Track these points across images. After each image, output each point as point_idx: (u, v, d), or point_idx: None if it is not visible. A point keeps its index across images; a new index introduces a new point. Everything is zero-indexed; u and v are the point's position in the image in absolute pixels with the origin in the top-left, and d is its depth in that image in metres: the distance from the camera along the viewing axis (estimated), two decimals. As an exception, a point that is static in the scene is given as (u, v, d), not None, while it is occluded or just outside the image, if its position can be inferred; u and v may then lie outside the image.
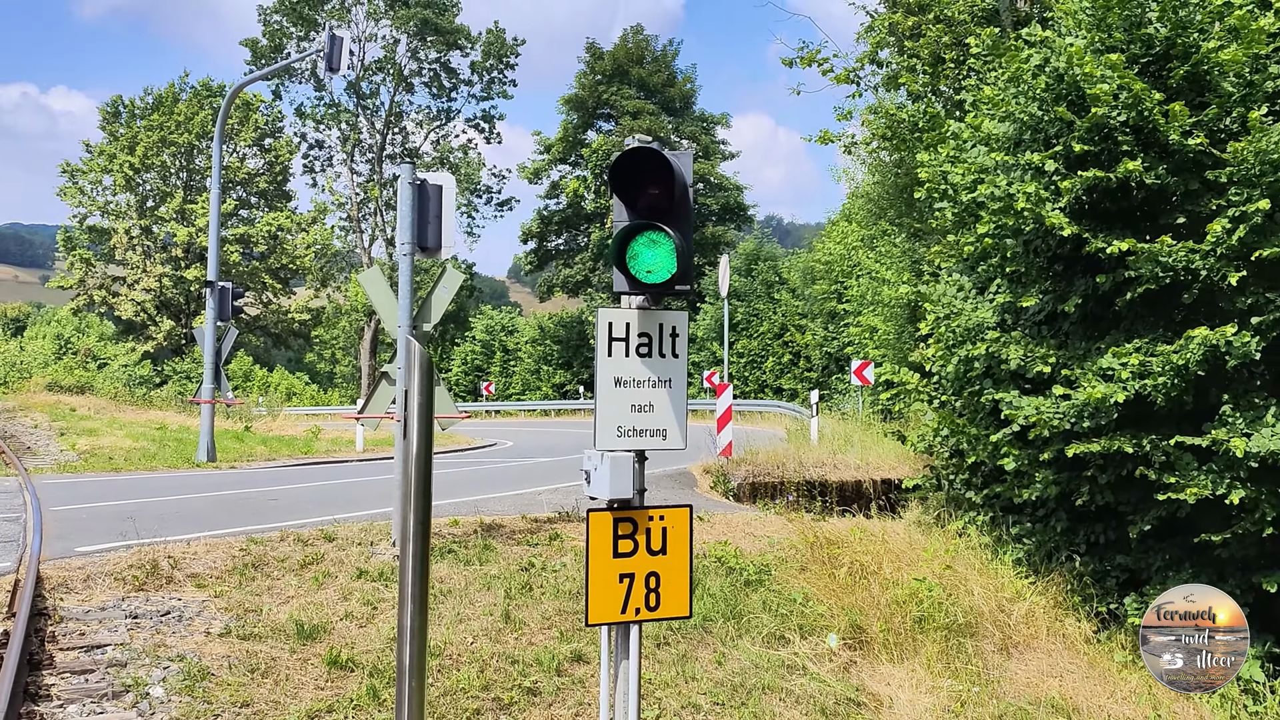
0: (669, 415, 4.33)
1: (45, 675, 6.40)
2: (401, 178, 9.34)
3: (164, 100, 53.16)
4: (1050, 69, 8.56)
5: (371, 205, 58.13)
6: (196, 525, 10.86)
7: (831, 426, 23.34)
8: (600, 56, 48.03)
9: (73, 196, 52.86)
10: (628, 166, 4.13)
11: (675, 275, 4.10)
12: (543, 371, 53.87)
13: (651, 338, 4.29)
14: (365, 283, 9.76)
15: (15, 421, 26.97)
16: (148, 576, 8.56)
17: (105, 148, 52.72)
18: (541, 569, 9.08)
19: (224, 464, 19.25)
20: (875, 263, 24.11)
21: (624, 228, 4.11)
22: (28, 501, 12.67)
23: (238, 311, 20.06)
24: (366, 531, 10.17)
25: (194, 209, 52.12)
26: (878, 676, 7.63)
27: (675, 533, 4.32)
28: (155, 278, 51.69)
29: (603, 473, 4.19)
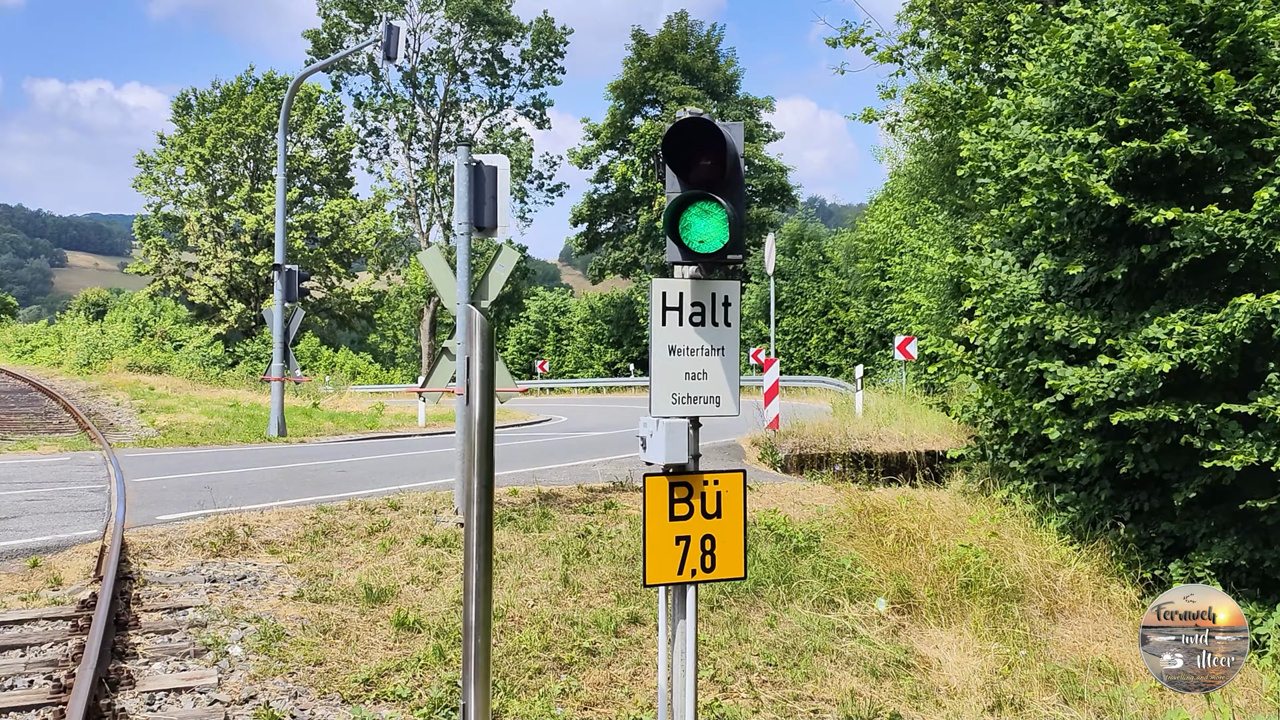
0: (722, 382, 4.28)
1: (131, 635, 6.56)
2: (458, 160, 9.36)
3: (231, 93, 53.86)
4: (1092, 44, 8.32)
5: (428, 191, 58.47)
6: (269, 495, 11.05)
7: (876, 400, 23.11)
8: (646, 44, 47.70)
9: (147, 187, 53.86)
10: (680, 137, 4.06)
11: (727, 245, 4.04)
12: (594, 350, 54.00)
13: (704, 307, 4.24)
14: (425, 262, 9.81)
15: (99, 400, 27.64)
16: (225, 543, 8.74)
17: (177, 139, 53.61)
18: (598, 536, 9.11)
19: (294, 438, 19.56)
20: (918, 240, 23.73)
21: (676, 198, 4.05)
22: (111, 474, 12.98)
23: (304, 294, 20.33)
24: (430, 500, 10.28)
25: (261, 197, 52.84)
26: (926, 639, 7.55)
27: (729, 497, 4.28)
28: (225, 263, 52.56)
29: (658, 438, 4.16)
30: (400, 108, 56.71)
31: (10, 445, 17.58)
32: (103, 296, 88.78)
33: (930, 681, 6.79)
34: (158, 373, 35.22)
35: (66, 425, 21.65)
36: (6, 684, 5.79)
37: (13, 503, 10.64)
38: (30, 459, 15.34)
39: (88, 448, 17.01)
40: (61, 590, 7.59)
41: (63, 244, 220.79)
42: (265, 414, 23.26)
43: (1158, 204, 8.17)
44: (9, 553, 8.28)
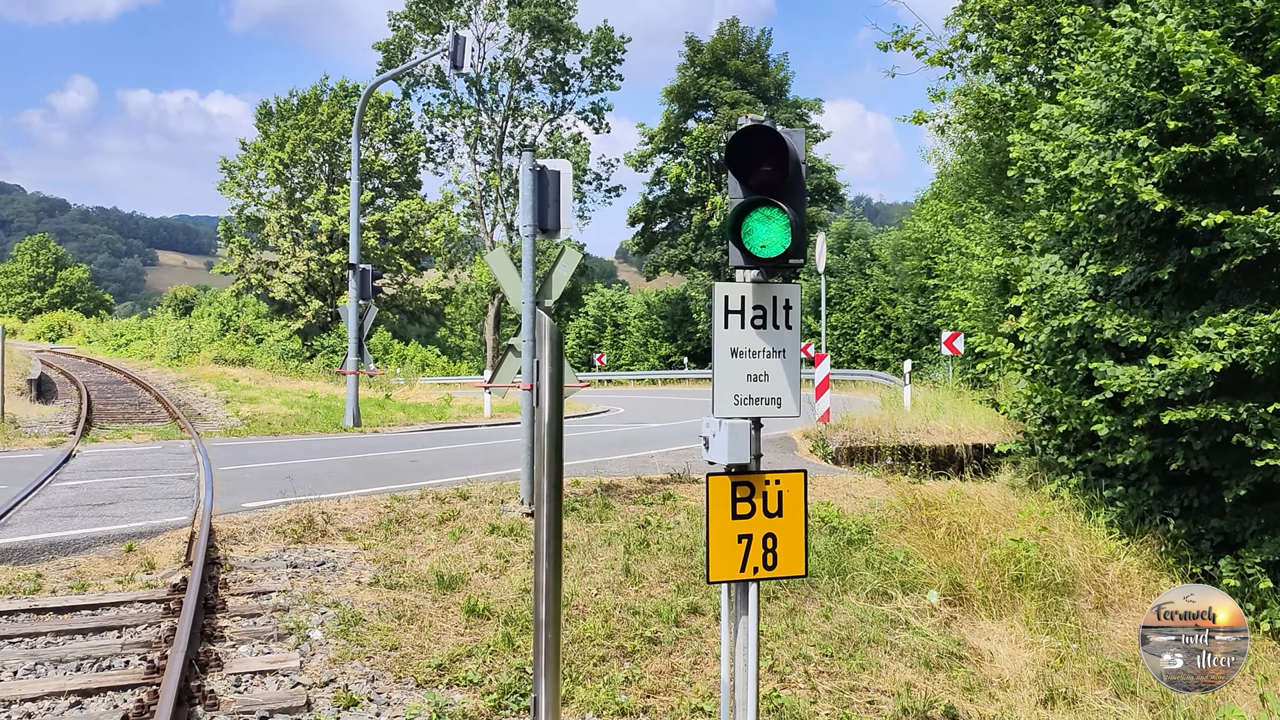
0: (783, 384, 4.19)
1: (219, 618, 6.67)
2: (522, 165, 9.35)
3: (307, 101, 54.73)
4: (1142, 48, 8.02)
5: (492, 193, 58.84)
6: (346, 484, 11.19)
7: (923, 394, 22.75)
8: (699, 50, 47.40)
9: (231, 190, 55.00)
10: (742, 144, 3.97)
11: (789, 249, 3.94)
12: (650, 344, 53.97)
13: (766, 310, 4.15)
14: (491, 262, 9.83)
15: (187, 390, 28.32)
16: (305, 530, 8.86)
17: (258, 145, 54.63)
18: (657, 527, 9.06)
19: (368, 429, 19.82)
20: (965, 239, 23.26)
21: (739, 204, 3.96)
22: (200, 462, 13.26)
23: (377, 291, 20.58)
24: (497, 490, 10.32)
25: (336, 199, 53.65)
26: (977, 631, 7.38)
27: (790, 496, 4.19)
28: (303, 262, 53.47)
29: (721, 439, 4.09)
30: (466, 113, 57.13)
31: (108, 434, 18.08)
32: (190, 293, 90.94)
33: (983, 674, 6.63)
34: (241, 365, 35.99)
35: (158, 415, 22.20)
36: (105, 664, 5.92)
37: (110, 490, 10.91)
38: (126, 447, 15.74)
39: (177, 436, 17.41)
40: (155, 574, 7.75)
41: (154, 244, 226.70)
42: (341, 405, 23.62)
43: (1207, 206, 7.86)
44: (107, 538, 8.48)
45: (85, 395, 24.45)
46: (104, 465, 13.12)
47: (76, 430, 17.95)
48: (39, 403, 24.12)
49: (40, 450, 15.12)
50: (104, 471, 12.49)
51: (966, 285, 22.81)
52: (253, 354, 38.33)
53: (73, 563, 8.04)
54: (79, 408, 22.31)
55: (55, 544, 8.28)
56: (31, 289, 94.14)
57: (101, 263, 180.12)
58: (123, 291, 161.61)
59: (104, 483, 11.43)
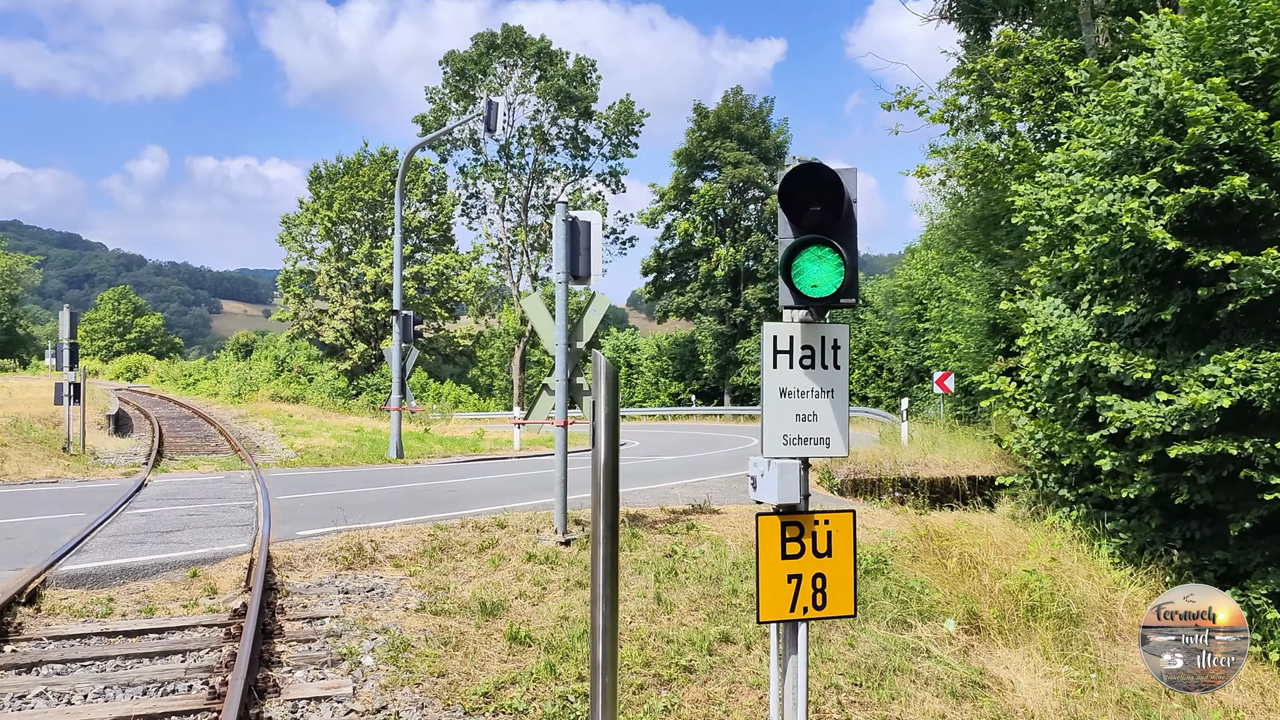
0: (831, 424, 3.85)
1: (276, 643, 6.31)
2: (556, 216, 9.12)
3: (352, 165, 55.18)
4: (1149, 96, 7.73)
5: (519, 247, 59.03)
6: (392, 513, 10.84)
7: (918, 430, 22.29)
8: (705, 115, 47.61)
9: (288, 244, 55.37)
10: (794, 183, 3.65)
11: (840, 289, 3.62)
12: (660, 383, 53.69)
13: (814, 350, 3.82)
14: (527, 307, 9.56)
15: (247, 425, 28.09)
16: (354, 557, 8.50)
17: (311, 205, 55.10)
18: (683, 556, 8.67)
19: (410, 460, 19.48)
20: (956, 286, 22.93)
21: (790, 244, 3.65)
22: (258, 491, 12.94)
23: (417, 335, 20.36)
24: (532, 520, 9.94)
25: (379, 253, 53.84)
26: (995, 660, 6.94)
27: (840, 536, 3.84)
28: (350, 309, 53.53)
29: (770, 479, 3.75)
30: (495, 174, 57.52)
31: (177, 464, 17.79)
32: (250, 338, 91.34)
33: (1007, 703, 6.19)
34: (295, 402, 35.79)
35: (222, 447, 21.93)
36: (170, 688, 5.57)
37: (177, 517, 10.59)
38: (192, 477, 15.44)
39: (238, 467, 17.11)
40: (217, 598, 7.40)
41: (219, 294, 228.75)
42: (385, 438, 23.32)
43: (1214, 248, 7.51)
44: (173, 563, 8.14)
45: (157, 429, 24.25)
46: (172, 494, 12.81)
47: (149, 461, 17.68)
48: (116, 436, 23.91)
49: (115, 480, 14.84)
50: (172, 500, 12.18)
51: (958, 329, 22.42)
52: (305, 392, 38.15)
53: (141, 587, 7.70)
54: (151, 441, 22.08)
55: (126, 569, 7.94)
56: (112, 334, 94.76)
57: (173, 311, 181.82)
58: (191, 337, 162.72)
59: (172, 510, 11.12)
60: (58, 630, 6.55)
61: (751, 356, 45.92)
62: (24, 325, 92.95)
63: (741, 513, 10.71)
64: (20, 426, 19.40)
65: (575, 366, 9.29)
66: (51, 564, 7.97)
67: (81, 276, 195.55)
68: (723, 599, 7.34)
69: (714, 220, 48.31)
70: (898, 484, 16.47)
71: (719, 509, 10.82)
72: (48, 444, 18.25)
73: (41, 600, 7.14)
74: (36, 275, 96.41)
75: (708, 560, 8.47)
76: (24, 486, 13.84)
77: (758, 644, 6.43)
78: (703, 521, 10.10)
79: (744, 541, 9.41)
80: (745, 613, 7.10)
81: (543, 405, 9.42)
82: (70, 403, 18.06)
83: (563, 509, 9.09)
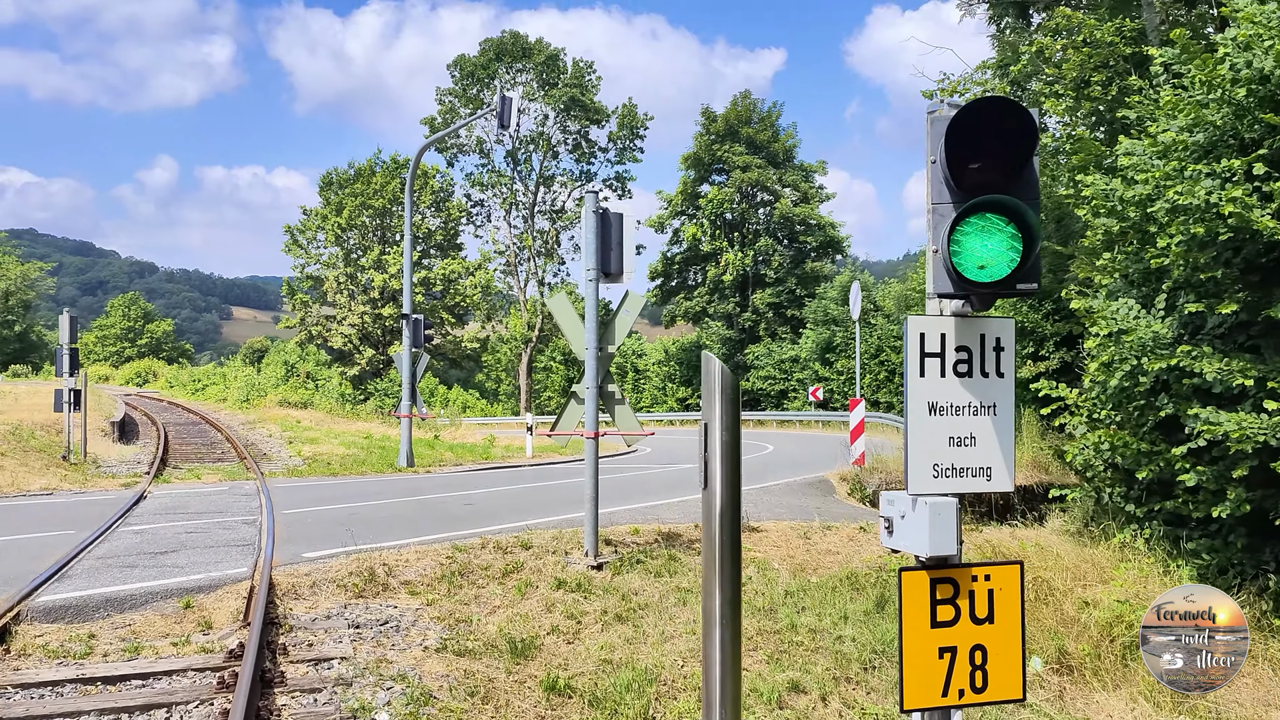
0: (994, 449, 2.90)
1: (276, 694, 5.35)
2: (585, 207, 8.18)
3: (363, 172, 54.36)
4: (1252, 71, 6.78)
5: (525, 252, 58.17)
6: (405, 529, 9.89)
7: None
8: (714, 119, 46.65)
9: (294, 251, 54.57)
10: (967, 127, 2.66)
11: (1017, 270, 2.68)
12: (668, 388, 52.70)
13: (972, 352, 2.88)
14: (553, 307, 8.62)
15: (255, 431, 27.14)
16: (366, 583, 7.55)
17: (319, 211, 54.30)
18: (728, 580, 7.70)
19: (420, 469, 18.54)
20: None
21: (958, 211, 2.68)
22: (263, 504, 12.02)
23: (428, 340, 19.40)
24: (558, 540, 8.98)
25: (387, 259, 52.98)
26: (1097, 707, 5.97)
27: (1004, 596, 2.89)
28: (358, 315, 52.68)
29: (917, 523, 2.80)
30: (502, 181, 56.72)
31: (180, 474, 16.87)
32: (264, 345, 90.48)
33: (1126, 763, 5.22)
34: (303, 408, 34.83)
35: (227, 455, 20.99)
36: (148, 756, 4.61)
37: (173, 536, 9.64)
38: (194, 488, 14.51)
39: (243, 477, 16.18)
40: (211, 635, 6.45)
41: (229, 300, 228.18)
42: (395, 445, 22.38)
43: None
44: (165, 592, 7.20)
45: (162, 436, 23.31)
46: (172, 508, 11.88)
47: (151, 470, 16.74)
48: (120, 443, 22.94)
49: (114, 491, 13.90)
50: (171, 515, 11.24)
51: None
52: (313, 398, 37.20)
53: (128, 620, 6.76)
54: (156, 448, 21.12)
55: (112, 599, 7.00)
56: (123, 340, 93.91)
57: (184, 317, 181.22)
58: (202, 342, 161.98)
59: (169, 528, 10.17)
60: (27, 676, 5.60)
61: (760, 362, 44.90)
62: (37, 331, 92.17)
63: (783, 531, 9.75)
64: (20, 434, 18.46)
65: (606, 372, 8.34)
66: (29, 593, 7.03)
67: (95, 283, 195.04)
68: (781, 635, 6.38)
69: (722, 225, 47.33)
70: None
71: (758, 526, 9.86)
72: (47, 452, 17.31)
73: (13, 638, 6.20)
74: (50, 282, 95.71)
75: (757, 588, 7.51)
76: (16, 499, 12.90)
77: (834, 695, 5.46)
78: (746, 541, 9.13)
79: (792, 565, 8.45)
80: (809, 652, 6.14)
81: (571, 414, 8.47)
82: (70, 410, 17.12)
83: (593, 529, 8.13)
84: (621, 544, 8.97)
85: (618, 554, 8.43)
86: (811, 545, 9.15)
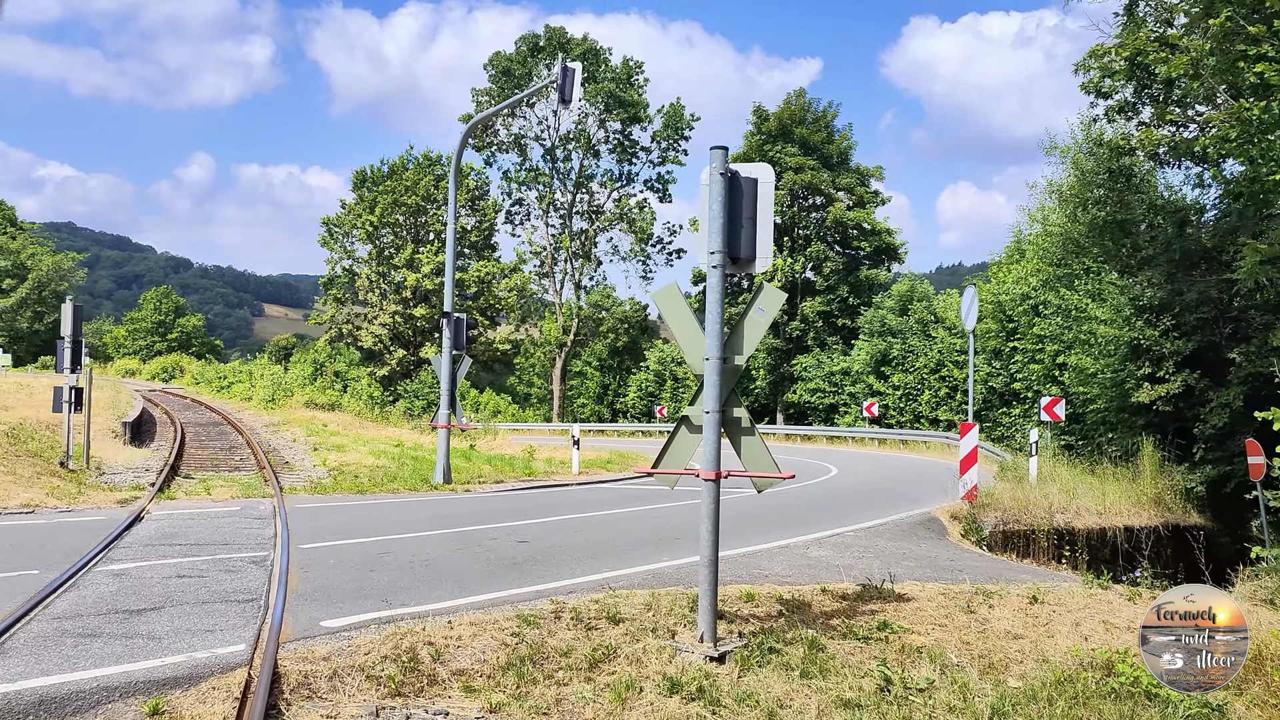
0: None
1: None
2: (710, 169, 6.09)
3: (396, 169, 52.92)
4: None
5: (562, 254, 56.34)
6: (450, 583, 7.82)
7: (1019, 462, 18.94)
8: (766, 118, 44.39)
9: (330, 246, 53.31)
10: None
11: None
12: (708, 397, 50.50)
13: None
14: (662, 303, 6.50)
15: (278, 434, 25.36)
16: (406, 674, 5.48)
17: (353, 207, 52.99)
18: (904, 689, 5.54)
19: (459, 486, 16.54)
20: (1082, 300, 19.46)
21: None
22: (277, 534, 10.07)
23: (470, 341, 17.42)
24: (653, 607, 6.86)
25: (420, 258, 51.42)
26: None
27: None
28: (389, 315, 51.16)
29: None
30: (541, 179, 55.02)
31: (191, 484, 15.01)
32: (290, 342, 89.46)
33: None
34: (330, 410, 33.07)
35: (246, 462, 19.14)
36: None
37: (161, 581, 7.64)
38: (202, 507, 12.58)
39: (260, 493, 14.26)
40: (183, 766, 4.40)
41: (261, 298, 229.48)
42: (428, 455, 20.44)
43: None
44: (127, 686, 5.16)
45: (179, 438, 21.54)
46: (168, 536, 9.93)
47: (158, 481, 14.88)
48: (132, 445, 21.18)
49: (106, 510, 12.00)
50: (166, 545, 9.28)
51: (1088, 351, 18.99)
52: (341, 399, 35.44)
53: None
54: (169, 452, 19.33)
55: (48, 698, 4.97)
56: (153, 334, 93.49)
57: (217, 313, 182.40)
58: (234, 338, 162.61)
59: (158, 568, 8.20)
60: None
61: (809, 374, 42.53)
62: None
63: (933, 598, 7.55)
64: (20, 435, 16.70)
65: (731, 392, 6.22)
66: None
67: (130, 277, 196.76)
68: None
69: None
70: (1052, 536, 13.22)
71: (901, 591, 7.67)
72: (44, 457, 15.51)
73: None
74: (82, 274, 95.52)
75: (948, 701, 5.34)
76: (-7, 518, 11.02)
77: None
78: (895, 615, 6.96)
79: (971, 656, 6.26)
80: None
81: (682, 447, 6.35)
82: (70, 411, 15.30)
83: (712, 605, 6.00)
84: (737, 616, 6.82)
85: (740, 637, 6.29)
86: (984, 624, 6.95)
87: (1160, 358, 17.48)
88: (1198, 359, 17.23)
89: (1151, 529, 14.78)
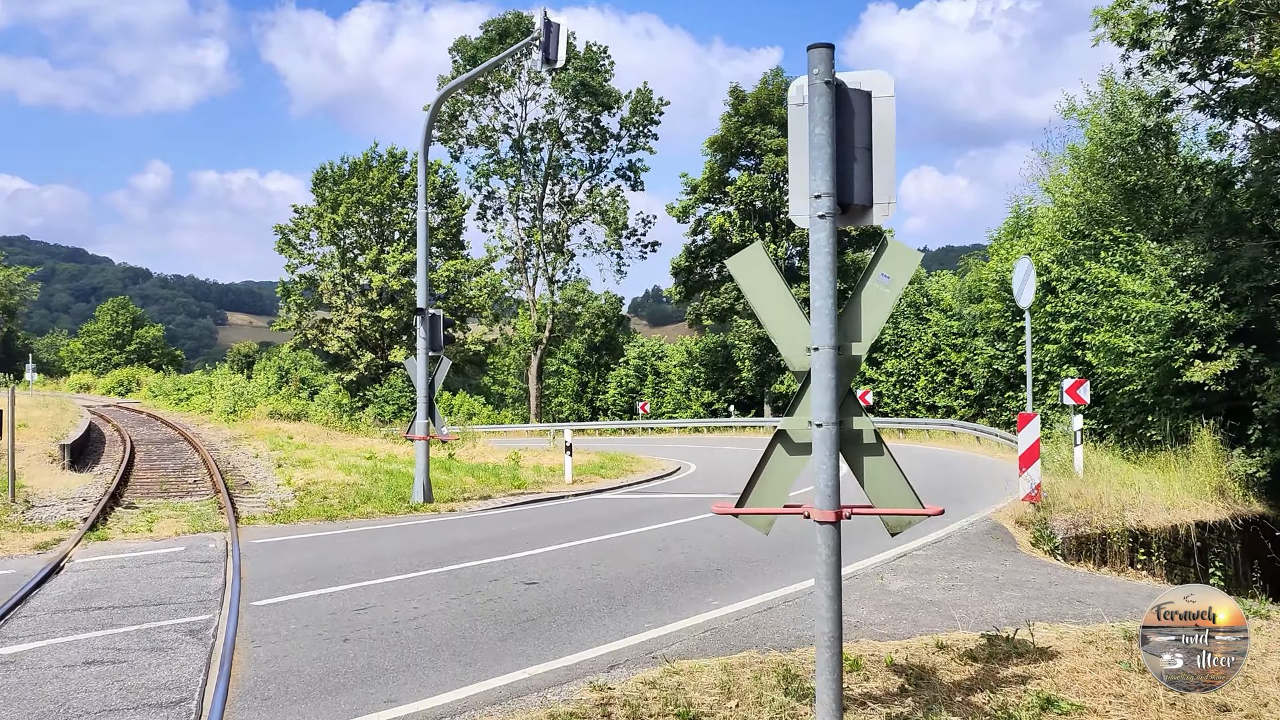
0: None
1: None
2: (807, 80, 4.23)
3: (358, 167, 50.53)
4: None
5: (534, 248, 54.28)
6: (449, 655, 5.91)
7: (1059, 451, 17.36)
8: (743, 99, 42.60)
9: (288, 253, 50.85)
10: None
11: None
12: (691, 392, 48.78)
13: None
14: (742, 272, 4.64)
15: (239, 450, 23.14)
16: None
17: (312, 209, 50.58)
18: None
19: (441, 505, 14.56)
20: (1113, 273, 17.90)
21: None
22: (227, 583, 8.10)
23: (449, 340, 15.41)
24: (733, 694, 5.00)
25: (386, 258, 49.17)
26: None
27: None
28: (355, 318, 48.83)
29: None
30: (510, 171, 52.93)
31: (131, 518, 12.89)
32: (252, 349, 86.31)
33: None
34: (296, 420, 30.79)
35: (200, 485, 16.99)
36: None
37: (58, 675, 5.65)
38: (138, 549, 10.49)
39: (211, 525, 12.19)
40: None
41: (224, 306, 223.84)
42: (404, 468, 18.42)
43: None
44: None
45: (126, 459, 19.28)
46: (87, 596, 7.89)
47: (92, 515, 12.74)
48: (71, 470, 18.87)
49: (19, 558, 9.90)
50: (80, 612, 7.26)
51: (1124, 328, 17.48)
52: (307, 408, 33.15)
53: None
54: (114, 476, 17.11)
55: None
56: (111, 346, 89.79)
57: (179, 323, 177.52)
58: (197, 349, 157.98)
59: (61, 650, 6.19)
60: None
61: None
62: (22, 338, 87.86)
63: (1079, 647, 5.76)
64: (-68, 467, 14.41)
65: (849, 394, 4.37)
66: None
67: (88, 290, 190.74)
68: None
69: (753, 213, 43.36)
70: (1126, 539, 11.58)
71: (1045, 646, 5.86)
72: (-44, 494, 13.27)
73: None
74: (35, 288, 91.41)
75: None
76: None
77: None
78: (1048, 682, 5.16)
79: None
80: None
81: (778, 474, 4.49)
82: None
83: (835, 698, 4.15)
84: (848, 698, 4.99)
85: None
86: (1181, 701, 5.16)
87: (1209, 332, 16.00)
88: (1251, 332, 15.78)
89: (1220, 523, 13.25)
